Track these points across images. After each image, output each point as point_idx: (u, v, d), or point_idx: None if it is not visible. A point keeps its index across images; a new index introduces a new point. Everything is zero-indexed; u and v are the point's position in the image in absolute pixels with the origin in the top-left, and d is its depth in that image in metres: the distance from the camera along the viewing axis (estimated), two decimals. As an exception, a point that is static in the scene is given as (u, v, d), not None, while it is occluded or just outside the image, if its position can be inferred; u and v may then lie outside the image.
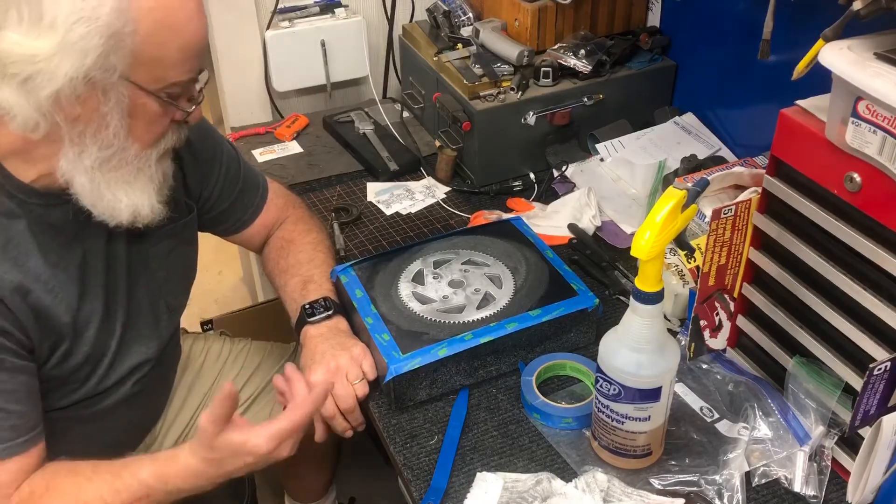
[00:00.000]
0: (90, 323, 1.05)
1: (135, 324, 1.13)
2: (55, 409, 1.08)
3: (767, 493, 0.98)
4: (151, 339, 1.16)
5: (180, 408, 1.38)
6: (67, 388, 1.07)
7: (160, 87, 0.93)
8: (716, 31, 1.53)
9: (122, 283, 1.10)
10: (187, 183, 1.19)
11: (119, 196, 0.98)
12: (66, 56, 0.84)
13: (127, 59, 0.88)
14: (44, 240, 0.99)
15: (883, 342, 0.89)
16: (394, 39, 1.88)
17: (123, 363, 1.12)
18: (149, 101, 0.93)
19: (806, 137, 0.90)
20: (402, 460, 1.04)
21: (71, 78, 0.85)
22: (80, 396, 1.09)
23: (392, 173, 1.61)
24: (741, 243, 1.04)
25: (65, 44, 0.84)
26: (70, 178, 0.95)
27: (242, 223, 1.30)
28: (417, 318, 1.14)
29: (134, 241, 1.11)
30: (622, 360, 0.93)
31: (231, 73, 1.81)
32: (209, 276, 2.76)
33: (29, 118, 0.88)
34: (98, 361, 1.08)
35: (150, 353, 1.16)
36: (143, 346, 1.15)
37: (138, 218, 1.01)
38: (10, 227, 0.97)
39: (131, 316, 1.12)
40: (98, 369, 1.09)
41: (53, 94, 0.86)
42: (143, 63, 0.90)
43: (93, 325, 1.06)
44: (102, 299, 1.07)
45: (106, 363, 1.09)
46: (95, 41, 0.84)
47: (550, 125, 1.56)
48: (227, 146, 1.26)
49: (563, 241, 1.40)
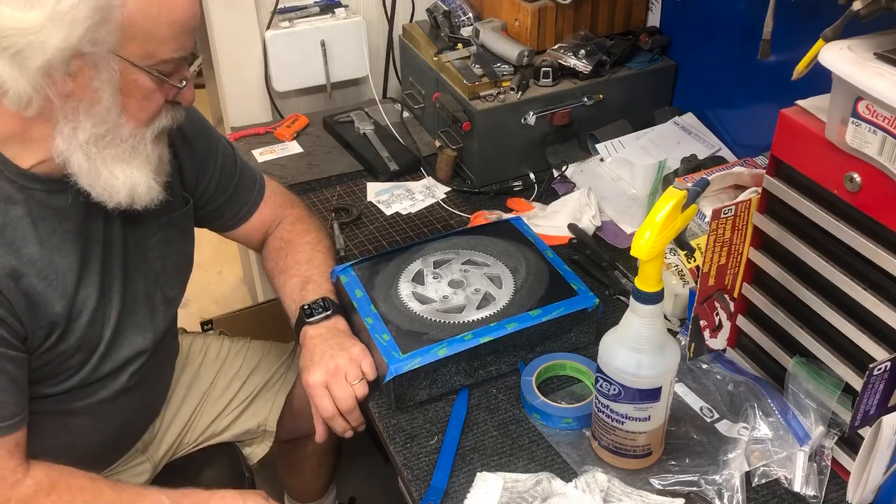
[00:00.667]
0: (84, 310, 1.05)
1: (131, 313, 1.13)
2: (50, 396, 1.07)
3: (767, 493, 0.98)
4: (147, 330, 1.16)
5: (179, 406, 1.38)
6: (61, 375, 1.07)
7: (151, 63, 0.93)
8: (716, 31, 1.53)
9: (117, 270, 1.10)
10: (183, 175, 1.19)
11: (116, 173, 0.98)
12: (55, 27, 0.85)
13: (116, 34, 0.89)
14: (44, 226, 1.00)
15: (883, 342, 0.89)
16: (394, 39, 1.88)
17: (119, 352, 1.12)
18: (140, 77, 0.94)
19: (806, 137, 0.90)
20: (402, 460, 1.04)
21: (60, 49, 0.87)
22: (75, 384, 1.09)
23: (392, 173, 1.61)
24: (741, 243, 1.04)
25: (54, 15, 0.85)
26: (67, 158, 0.96)
27: (240, 218, 1.30)
28: (417, 318, 1.14)
29: (130, 229, 1.11)
30: (622, 360, 0.93)
31: (231, 73, 1.81)
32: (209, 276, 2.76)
33: (22, 92, 0.89)
34: (92, 349, 1.08)
35: (146, 343, 1.15)
36: (140, 337, 1.14)
37: (136, 198, 1.01)
38: (8, 212, 0.97)
39: (127, 305, 1.12)
40: (92, 357, 1.09)
41: (44, 65, 0.87)
42: (132, 38, 0.90)
43: (86, 312, 1.06)
44: (98, 287, 1.07)
45: (101, 351, 1.09)
46: (84, 12, 0.86)
47: (550, 125, 1.56)
48: (223, 142, 1.27)
49: (563, 241, 1.40)
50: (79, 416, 1.13)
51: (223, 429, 1.42)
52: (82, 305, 1.05)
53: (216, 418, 1.41)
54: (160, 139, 1.03)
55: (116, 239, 1.10)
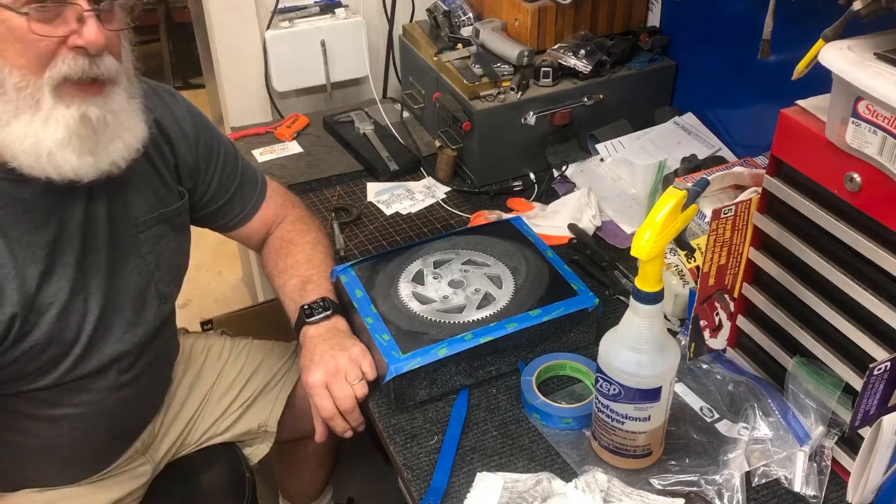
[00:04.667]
0: (53, 303, 1.02)
1: (118, 308, 1.11)
2: (30, 393, 1.06)
3: (767, 493, 0.98)
4: (137, 327, 1.14)
5: (181, 407, 1.38)
6: (36, 371, 1.05)
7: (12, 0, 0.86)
8: (716, 31, 1.53)
9: (101, 265, 1.08)
10: (180, 170, 1.18)
11: (14, 130, 0.91)
12: None
13: None
14: (7, 216, 0.97)
15: (883, 342, 0.89)
16: (394, 39, 1.88)
17: (104, 349, 1.10)
18: (8, 17, 0.87)
19: (806, 137, 0.90)
20: (402, 460, 1.04)
21: None
22: (55, 381, 1.07)
23: (392, 173, 1.61)
24: (741, 243, 1.04)
25: None
26: None
27: (242, 218, 1.30)
28: (417, 318, 1.14)
29: (120, 223, 1.10)
30: (622, 360, 0.93)
31: (231, 73, 1.81)
32: (209, 276, 2.77)
33: None
34: (69, 344, 1.06)
35: (135, 340, 1.14)
36: (128, 333, 1.13)
37: (55, 165, 0.93)
38: None
39: (113, 300, 1.10)
40: (71, 353, 1.06)
41: None
42: None
43: (56, 306, 1.03)
44: (71, 279, 1.04)
45: (81, 346, 1.07)
46: None
47: (550, 125, 1.56)
48: (224, 140, 1.26)
49: (563, 241, 1.41)
50: (67, 416, 1.12)
51: (224, 429, 1.42)
52: (51, 298, 1.02)
53: (218, 419, 1.41)
54: (69, 94, 0.92)
55: (100, 232, 1.07)
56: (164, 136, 1.15)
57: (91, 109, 0.94)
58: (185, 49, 3.94)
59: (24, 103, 0.91)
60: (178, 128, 1.17)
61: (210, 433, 1.41)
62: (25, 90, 0.90)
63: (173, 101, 1.18)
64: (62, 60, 0.90)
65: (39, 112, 0.91)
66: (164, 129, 1.15)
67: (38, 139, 0.92)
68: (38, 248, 1.01)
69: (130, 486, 1.29)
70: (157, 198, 1.15)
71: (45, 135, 0.92)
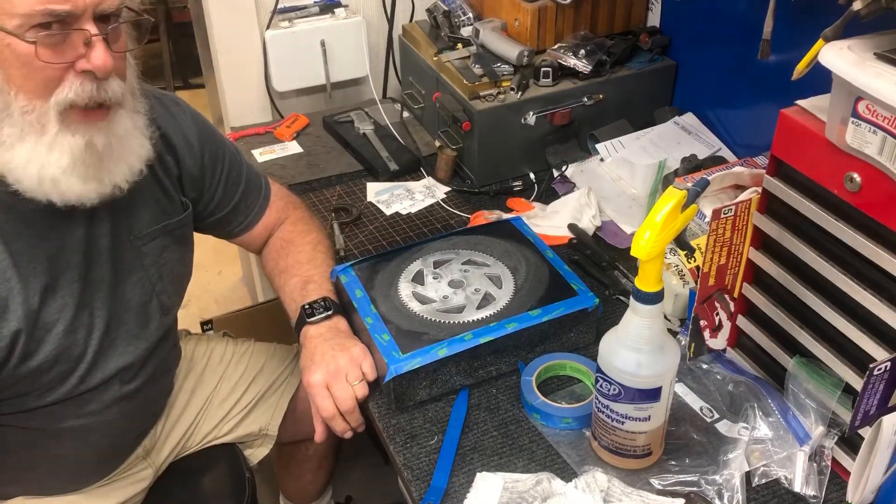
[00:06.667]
0: (58, 319, 1.02)
1: (122, 322, 1.11)
2: (38, 409, 1.06)
3: (767, 493, 0.98)
4: (139, 339, 1.14)
5: (182, 410, 1.37)
6: (44, 388, 1.04)
7: (17, 24, 0.85)
8: (716, 31, 1.53)
9: (104, 279, 1.07)
10: (183, 182, 1.17)
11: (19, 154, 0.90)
12: None
13: None
14: (9, 229, 0.96)
15: (883, 342, 0.89)
16: (394, 39, 1.88)
17: (108, 363, 1.10)
18: (13, 42, 0.85)
19: (806, 137, 0.90)
20: (402, 460, 1.04)
21: None
22: (62, 396, 1.06)
23: (392, 173, 1.61)
24: (741, 243, 1.04)
25: None
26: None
27: (247, 225, 1.29)
28: (417, 318, 1.14)
29: (123, 235, 1.09)
30: (622, 360, 0.93)
31: (231, 73, 1.81)
32: (209, 276, 2.77)
33: None
34: (76, 360, 1.05)
35: (138, 353, 1.14)
36: (130, 346, 1.12)
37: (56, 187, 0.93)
38: None
39: (117, 314, 1.09)
40: (78, 368, 1.06)
41: None
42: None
43: (62, 322, 1.02)
44: (76, 296, 1.03)
45: (88, 362, 1.07)
46: None
47: (550, 125, 1.56)
48: (229, 147, 1.25)
49: (563, 241, 1.40)
50: (70, 430, 1.12)
51: (226, 432, 1.42)
52: (56, 314, 1.02)
53: (219, 423, 1.41)
54: (75, 121, 0.92)
55: (103, 246, 1.06)
56: (169, 148, 1.14)
57: (97, 137, 0.94)
58: (185, 49, 3.94)
59: (30, 127, 0.90)
60: (182, 138, 1.15)
61: (211, 437, 1.41)
62: (31, 114, 0.90)
63: (178, 110, 1.17)
64: (69, 86, 0.90)
65: (45, 136, 0.91)
66: (169, 140, 1.14)
67: (41, 165, 0.91)
68: (40, 262, 1.00)
69: (132, 491, 1.29)
70: (160, 209, 1.14)
71: (49, 161, 0.91)
